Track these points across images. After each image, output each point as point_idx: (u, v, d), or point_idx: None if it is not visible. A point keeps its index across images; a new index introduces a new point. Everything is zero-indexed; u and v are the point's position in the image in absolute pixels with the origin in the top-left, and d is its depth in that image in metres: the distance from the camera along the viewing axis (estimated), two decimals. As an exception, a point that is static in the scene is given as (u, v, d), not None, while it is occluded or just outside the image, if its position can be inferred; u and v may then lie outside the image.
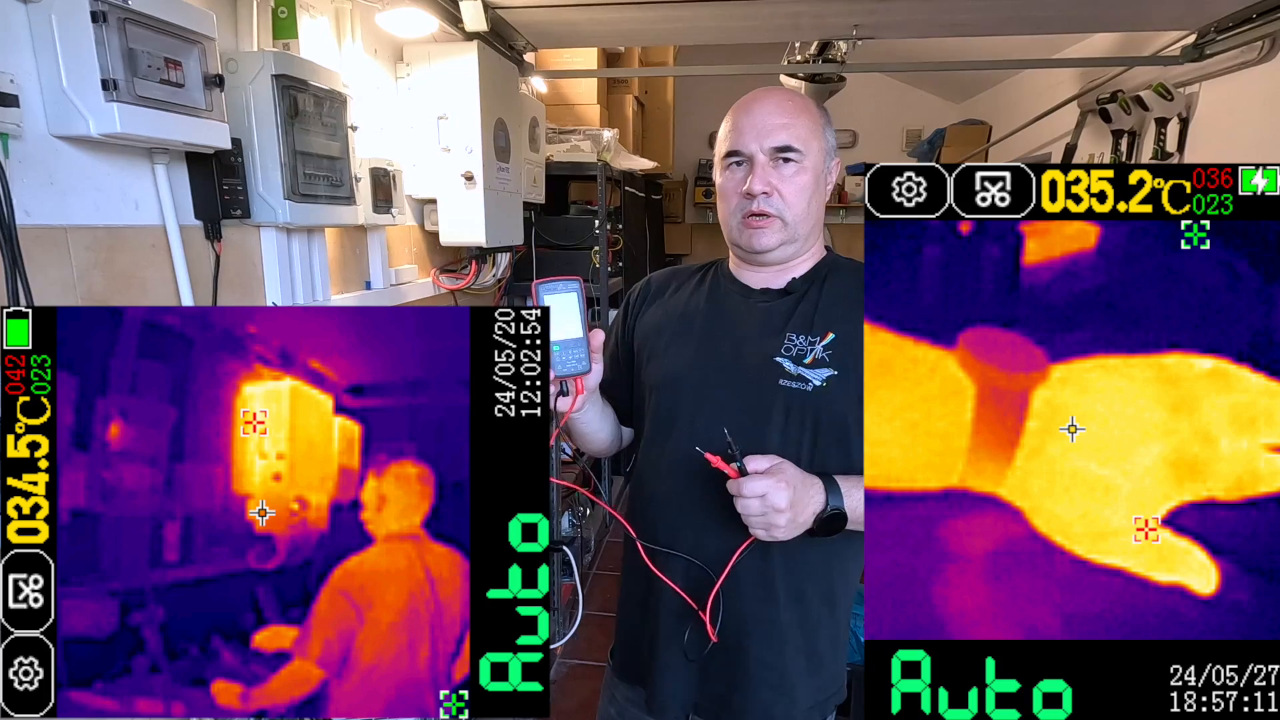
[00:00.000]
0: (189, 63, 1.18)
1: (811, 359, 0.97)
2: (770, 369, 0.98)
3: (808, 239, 1.04)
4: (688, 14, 2.27)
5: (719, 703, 1.04)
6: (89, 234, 1.18)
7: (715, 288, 1.10)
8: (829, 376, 0.96)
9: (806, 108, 1.01)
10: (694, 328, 1.06)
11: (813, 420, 0.97)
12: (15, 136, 1.03)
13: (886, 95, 5.61)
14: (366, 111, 1.93)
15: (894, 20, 2.38)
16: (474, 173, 2.12)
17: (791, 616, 1.01)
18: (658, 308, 1.13)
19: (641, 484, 1.08)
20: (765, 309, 1.03)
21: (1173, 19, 2.38)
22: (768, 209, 0.98)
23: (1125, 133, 2.97)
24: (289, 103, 1.43)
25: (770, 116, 0.98)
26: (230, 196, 1.41)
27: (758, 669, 1.01)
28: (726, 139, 1.02)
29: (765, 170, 0.98)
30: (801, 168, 0.98)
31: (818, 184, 1.01)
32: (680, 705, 1.06)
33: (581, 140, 3.07)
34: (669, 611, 1.03)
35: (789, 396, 0.97)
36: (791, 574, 1.00)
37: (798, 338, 0.99)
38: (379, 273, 2.04)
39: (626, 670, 1.15)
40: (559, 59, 3.23)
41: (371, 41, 1.99)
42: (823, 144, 1.01)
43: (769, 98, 1.00)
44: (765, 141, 0.98)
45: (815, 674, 1.04)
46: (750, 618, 1.00)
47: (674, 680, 1.05)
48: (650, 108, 4.51)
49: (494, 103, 2.20)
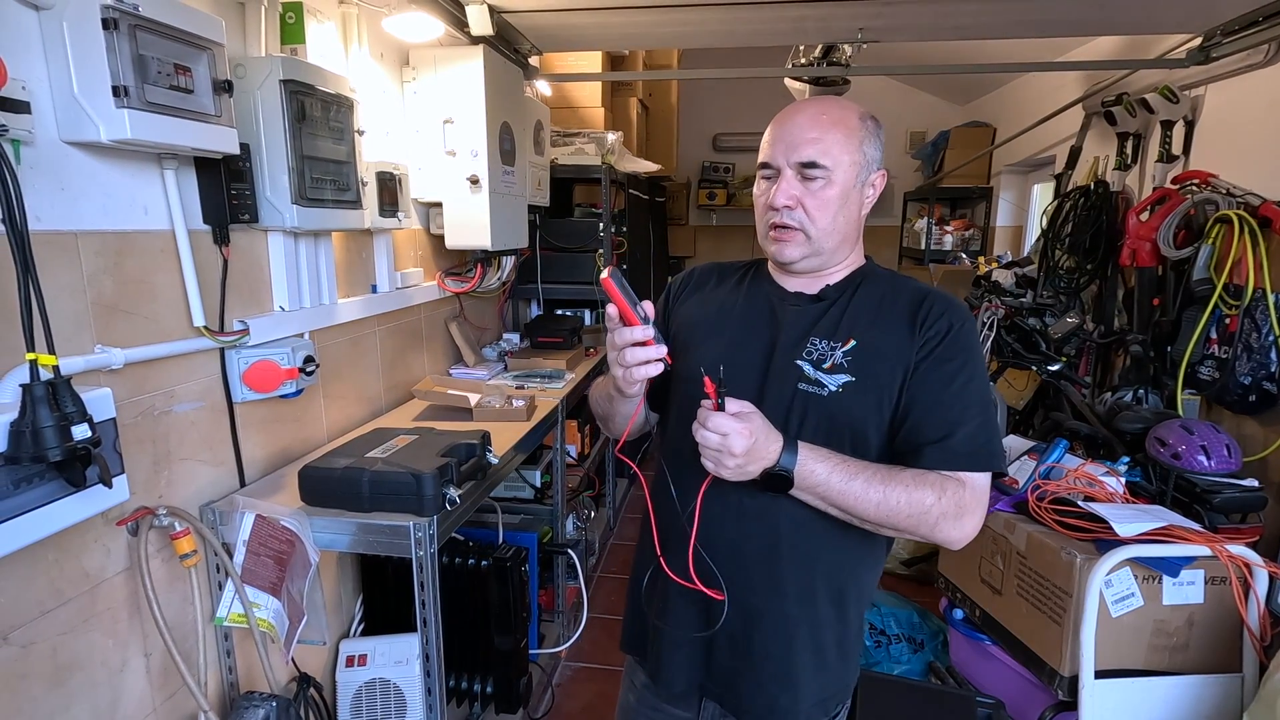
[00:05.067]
0: (198, 68, 1.19)
1: (830, 364, 0.98)
2: (791, 371, 1.00)
3: (837, 250, 1.04)
4: (692, 17, 2.27)
5: (725, 687, 1.07)
6: (99, 239, 1.18)
7: (754, 288, 1.11)
8: (845, 382, 0.97)
9: (843, 122, 1.00)
10: (728, 325, 1.08)
11: (827, 424, 0.97)
12: (27, 142, 1.04)
13: (890, 97, 5.60)
14: (373, 116, 1.94)
15: (898, 23, 2.38)
16: (479, 176, 2.13)
17: (798, 611, 1.02)
18: (697, 300, 1.15)
19: (665, 470, 1.09)
20: (796, 313, 1.05)
21: (1179, 22, 2.38)
22: (790, 222, 1.00)
23: (1130, 135, 2.96)
24: (296, 107, 1.44)
25: (802, 131, 0.99)
26: (238, 201, 1.42)
27: (762, 660, 1.03)
28: (763, 149, 1.03)
29: (790, 184, 0.99)
30: (828, 182, 0.99)
31: (845, 198, 1.00)
32: (686, 683, 1.09)
33: (586, 143, 3.07)
34: (675, 591, 1.06)
35: (806, 400, 0.98)
36: (799, 568, 1.01)
37: (820, 343, 1.00)
38: (385, 276, 2.05)
39: (632, 643, 1.19)
40: (564, 62, 3.24)
41: (378, 46, 2.00)
42: (857, 158, 1.00)
43: (805, 111, 1.01)
44: (792, 156, 0.99)
45: (821, 671, 1.05)
46: (757, 608, 1.02)
47: (679, 656, 1.08)
48: (654, 111, 4.51)
49: (499, 106, 2.20)
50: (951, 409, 0.95)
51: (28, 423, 0.96)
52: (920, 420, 0.96)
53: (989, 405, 0.98)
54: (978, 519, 0.96)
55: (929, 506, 0.92)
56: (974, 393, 0.97)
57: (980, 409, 0.97)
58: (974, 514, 0.95)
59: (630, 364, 0.92)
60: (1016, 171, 4.67)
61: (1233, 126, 2.49)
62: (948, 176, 4.94)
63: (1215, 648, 1.71)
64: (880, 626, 2.49)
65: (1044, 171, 4.28)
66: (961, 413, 0.95)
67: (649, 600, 1.12)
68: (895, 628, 2.48)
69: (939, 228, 4.96)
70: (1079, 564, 1.70)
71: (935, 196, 5.05)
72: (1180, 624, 1.71)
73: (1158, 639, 1.72)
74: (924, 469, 0.95)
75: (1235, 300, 2.17)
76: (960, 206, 5.31)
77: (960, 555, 2.20)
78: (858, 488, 0.92)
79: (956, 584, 2.21)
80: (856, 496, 0.92)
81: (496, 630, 1.95)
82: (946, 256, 4.72)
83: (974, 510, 0.95)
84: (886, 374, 0.97)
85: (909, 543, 3.04)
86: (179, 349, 1.34)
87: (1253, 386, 2.12)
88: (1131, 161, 2.99)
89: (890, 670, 2.40)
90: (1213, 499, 1.90)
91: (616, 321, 0.92)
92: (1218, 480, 1.94)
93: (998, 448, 0.97)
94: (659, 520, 1.09)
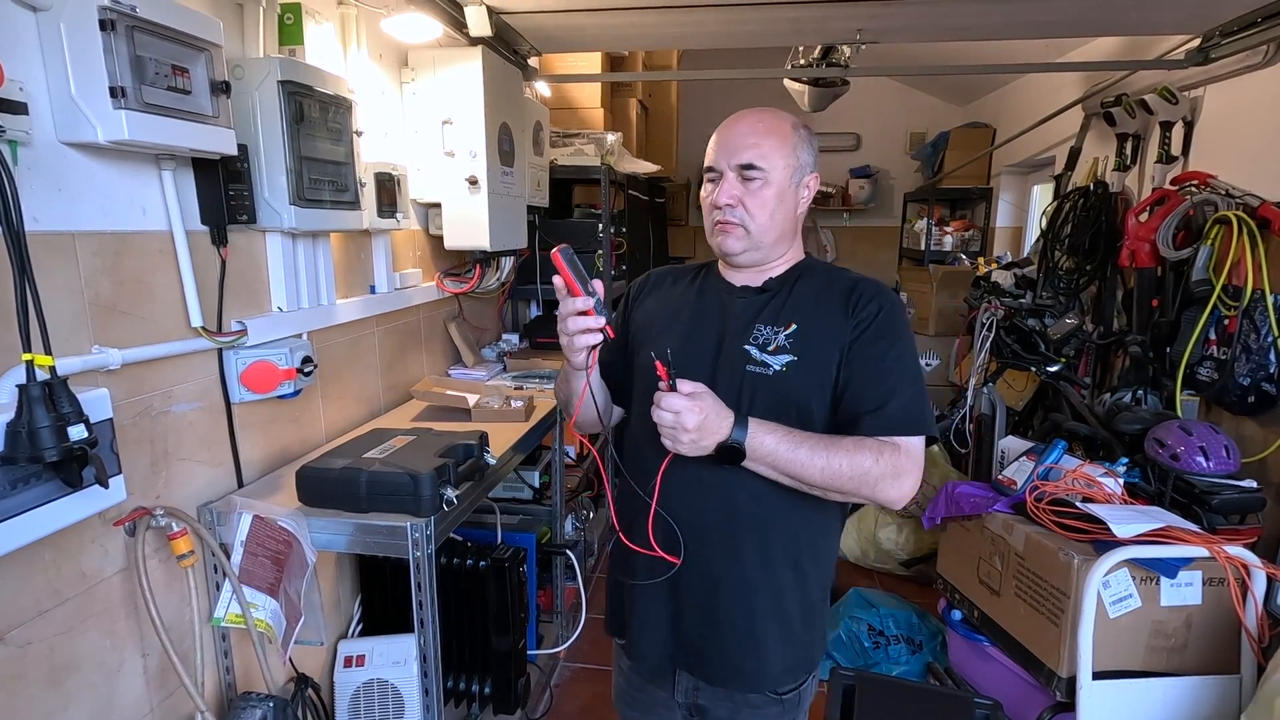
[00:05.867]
0: (196, 69, 1.19)
1: (775, 347, 1.09)
2: (740, 355, 1.10)
3: (776, 245, 1.15)
4: (691, 18, 2.28)
5: (694, 655, 1.16)
6: (96, 240, 1.18)
7: (705, 285, 1.22)
8: (789, 362, 1.08)
9: (777, 129, 1.11)
10: (682, 319, 1.19)
11: (776, 400, 1.07)
12: (24, 143, 1.04)
13: (890, 98, 5.61)
14: (371, 117, 1.94)
15: (897, 24, 2.38)
16: (478, 177, 2.13)
17: (757, 576, 1.11)
18: (654, 300, 1.26)
19: (631, 455, 1.20)
20: (743, 304, 1.16)
21: (1178, 23, 2.38)
22: (731, 219, 1.11)
23: (1130, 136, 2.96)
24: (294, 108, 1.44)
25: (741, 137, 1.10)
26: (236, 202, 1.42)
27: (728, 626, 1.13)
28: (708, 156, 1.15)
29: (732, 185, 1.10)
30: (765, 183, 1.09)
31: (781, 197, 1.11)
32: (659, 654, 1.19)
33: (585, 144, 3.07)
34: (644, 568, 1.15)
35: (754, 380, 1.09)
36: (756, 535, 1.11)
37: (765, 328, 1.11)
38: (383, 277, 2.05)
39: (612, 623, 1.29)
40: (563, 63, 3.24)
41: (376, 47, 2.00)
42: (791, 161, 1.11)
43: (743, 120, 1.12)
44: (733, 159, 1.10)
45: (786, 640, 1.14)
46: (718, 575, 1.12)
47: (652, 628, 1.18)
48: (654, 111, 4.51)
49: (498, 107, 2.20)
50: (885, 381, 1.06)
51: (24, 423, 0.96)
52: (857, 393, 1.06)
53: (919, 377, 1.09)
54: (914, 479, 1.05)
55: (868, 469, 1.01)
56: (904, 367, 1.07)
57: (911, 380, 1.07)
58: (910, 475, 1.04)
59: (572, 332, 1.01)
60: (1016, 172, 4.67)
61: (1232, 127, 2.49)
62: (947, 177, 4.94)
63: (1213, 649, 1.71)
64: (879, 627, 2.49)
65: (1044, 172, 4.28)
66: (894, 384, 1.05)
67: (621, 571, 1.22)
68: (894, 628, 2.49)
69: (939, 228, 4.96)
70: (1077, 565, 1.70)
71: (935, 197, 5.05)
72: (1178, 625, 1.72)
73: (1155, 640, 1.72)
74: (863, 436, 1.04)
75: (1234, 301, 2.17)
76: (960, 207, 5.32)
77: (959, 556, 2.20)
78: (804, 455, 1.01)
79: (955, 585, 2.21)
80: (803, 463, 1.01)
81: (495, 631, 1.95)
82: (946, 257, 4.72)
83: (910, 471, 1.04)
84: (826, 353, 1.08)
85: (908, 544, 3.04)
86: (177, 349, 1.34)
87: (1251, 387, 2.12)
88: (1131, 162, 2.99)
89: (889, 671, 2.40)
90: (1211, 500, 1.90)
91: (563, 293, 1.00)
92: (1216, 481, 1.94)
93: (928, 414, 1.07)
94: (624, 499, 1.20)
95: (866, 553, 3.15)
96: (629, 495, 1.17)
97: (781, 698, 1.17)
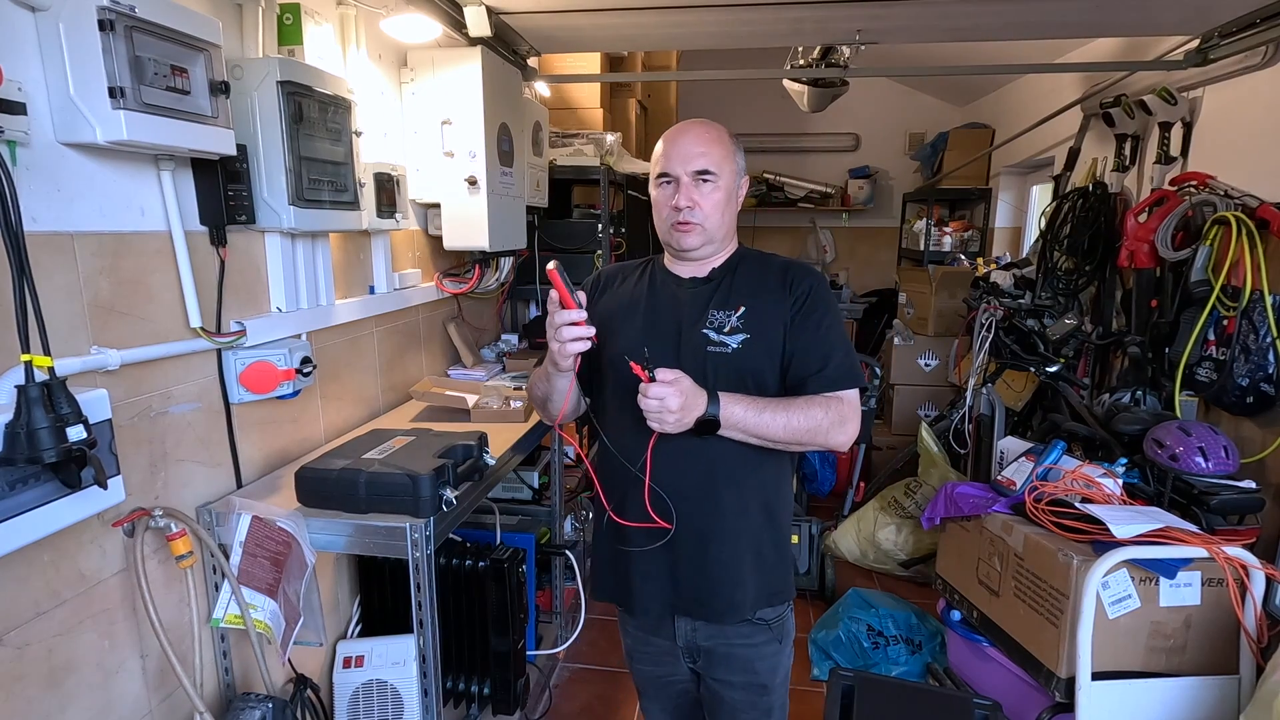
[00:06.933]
0: (195, 70, 1.19)
1: (729, 328, 1.24)
2: (700, 339, 1.25)
3: (724, 240, 1.32)
4: (690, 19, 2.27)
5: (691, 598, 1.31)
6: (95, 240, 1.18)
7: (653, 279, 1.36)
8: (743, 340, 1.24)
9: (720, 139, 1.27)
10: (639, 311, 1.32)
11: (736, 374, 1.23)
12: (23, 144, 1.04)
13: (889, 99, 5.60)
14: (370, 117, 1.94)
15: (896, 25, 2.38)
16: (477, 177, 2.13)
17: (736, 524, 1.28)
18: (610, 296, 1.38)
19: (615, 439, 1.30)
20: (694, 293, 1.30)
21: (1176, 24, 2.38)
22: (690, 219, 1.25)
23: (1129, 137, 2.96)
24: (294, 109, 1.44)
25: (692, 146, 1.24)
26: (235, 202, 1.42)
27: (717, 567, 1.28)
28: (658, 162, 1.27)
29: (689, 189, 1.25)
30: (716, 186, 1.25)
31: (729, 198, 1.28)
32: (660, 605, 1.33)
33: (584, 144, 3.07)
34: (641, 536, 1.28)
35: (715, 359, 1.24)
36: (732, 490, 1.27)
37: (718, 313, 1.26)
38: (383, 277, 2.05)
39: (608, 590, 1.39)
40: (562, 63, 3.23)
41: (376, 47, 2.00)
42: (733, 166, 1.28)
43: (691, 130, 1.26)
44: (689, 166, 1.24)
45: (761, 570, 1.31)
46: (705, 528, 1.27)
47: (653, 583, 1.31)
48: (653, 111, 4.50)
49: (497, 107, 2.20)
50: (822, 347, 1.25)
51: (23, 424, 0.96)
52: (802, 359, 1.24)
53: (847, 340, 1.29)
54: (856, 424, 1.25)
55: (820, 421, 1.20)
56: (836, 333, 1.27)
57: (842, 343, 1.27)
58: (853, 420, 1.24)
59: (565, 340, 1.16)
60: (1015, 173, 4.67)
61: (1231, 128, 2.49)
62: (947, 178, 4.94)
63: (1212, 649, 1.71)
64: (878, 628, 2.49)
65: (1043, 173, 4.28)
66: (829, 349, 1.25)
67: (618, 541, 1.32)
68: (893, 629, 2.49)
69: (938, 229, 4.96)
70: (1076, 565, 1.70)
71: (934, 198, 5.05)
72: (1177, 626, 1.72)
73: (1154, 641, 1.72)
74: (810, 395, 1.22)
75: (1233, 302, 2.17)
76: (959, 208, 5.31)
77: (958, 557, 2.20)
78: (768, 418, 1.18)
79: (954, 585, 2.21)
80: (767, 424, 1.18)
81: (494, 631, 1.95)
82: (945, 258, 4.72)
83: (851, 418, 1.24)
84: (773, 329, 1.25)
85: (907, 544, 3.04)
86: (175, 350, 1.34)
87: (1250, 388, 2.12)
88: (1130, 163, 2.99)
89: (888, 671, 2.40)
90: (1210, 501, 1.90)
91: (557, 305, 1.17)
92: (1215, 482, 1.94)
93: (859, 370, 1.28)
94: (611, 479, 1.32)
95: (866, 553, 3.15)
96: (616, 475, 1.30)
97: (769, 623, 1.33)
